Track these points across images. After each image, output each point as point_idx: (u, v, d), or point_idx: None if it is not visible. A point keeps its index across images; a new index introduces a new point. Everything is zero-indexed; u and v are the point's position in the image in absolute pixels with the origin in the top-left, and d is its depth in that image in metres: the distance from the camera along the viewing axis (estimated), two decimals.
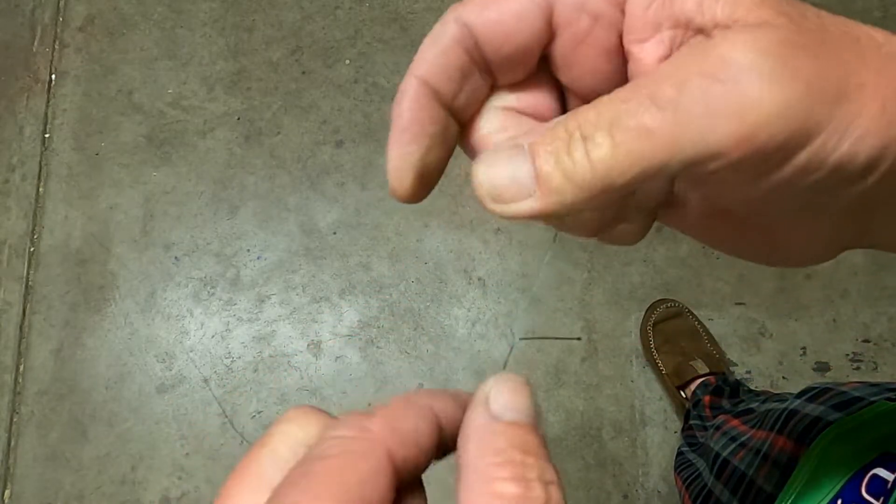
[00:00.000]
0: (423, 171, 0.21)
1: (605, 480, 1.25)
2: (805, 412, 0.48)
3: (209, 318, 1.35)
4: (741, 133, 0.16)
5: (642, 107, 0.16)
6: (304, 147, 1.43)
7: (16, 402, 1.33)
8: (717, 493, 0.56)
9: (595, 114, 0.17)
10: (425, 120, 0.20)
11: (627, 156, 0.16)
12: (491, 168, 0.18)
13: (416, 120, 0.20)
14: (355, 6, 1.49)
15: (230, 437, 1.30)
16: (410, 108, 0.20)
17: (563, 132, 0.17)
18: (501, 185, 0.18)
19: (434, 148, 0.21)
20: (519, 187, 0.18)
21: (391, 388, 1.31)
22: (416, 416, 0.18)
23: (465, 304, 1.34)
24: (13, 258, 1.39)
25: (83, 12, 1.51)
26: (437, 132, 0.21)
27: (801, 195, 0.18)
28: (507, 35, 0.19)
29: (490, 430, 0.17)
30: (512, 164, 0.18)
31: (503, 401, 0.18)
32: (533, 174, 0.17)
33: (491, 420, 0.17)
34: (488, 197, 0.18)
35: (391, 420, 0.17)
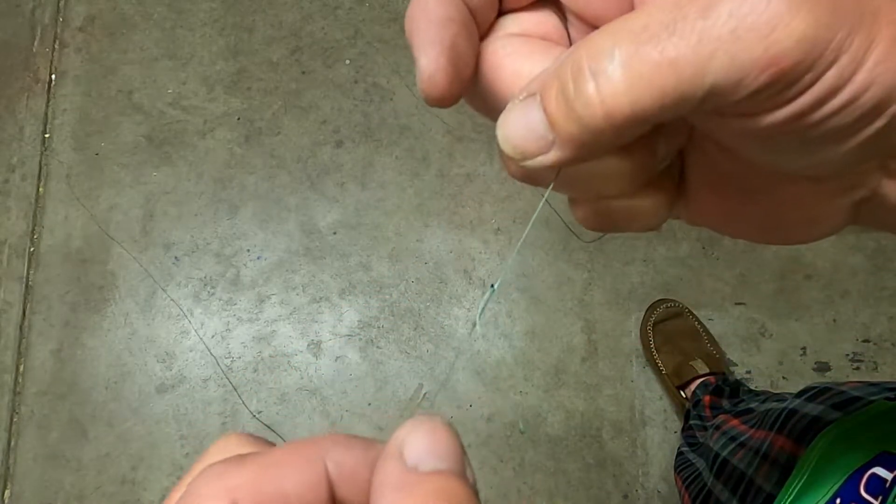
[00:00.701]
0: (456, 66, 0.19)
1: (605, 480, 1.25)
2: (804, 412, 0.48)
3: (209, 318, 1.35)
4: (770, 56, 0.15)
5: (664, 33, 0.15)
6: (304, 147, 1.43)
7: (16, 402, 1.33)
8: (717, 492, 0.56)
9: (610, 42, 0.16)
10: (451, 10, 0.19)
11: (649, 87, 0.16)
12: (508, 124, 0.17)
13: (442, 10, 0.19)
14: (355, 6, 1.49)
15: None
16: (437, 2, 0.19)
17: (571, 67, 0.16)
18: (520, 139, 0.17)
19: (462, 41, 0.19)
20: (538, 139, 0.17)
21: (391, 388, 1.31)
22: (291, 474, 0.16)
23: (465, 304, 1.34)
24: (13, 258, 1.39)
25: (83, 12, 1.51)
26: (463, 22, 0.19)
27: (809, 141, 0.17)
28: None
29: (407, 484, 0.14)
30: (526, 114, 0.17)
31: (421, 448, 0.15)
32: (546, 119, 0.17)
33: (407, 472, 0.15)
34: (513, 155, 0.17)
35: (255, 482, 0.15)
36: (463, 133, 1.42)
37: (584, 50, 0.16)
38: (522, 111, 0.17)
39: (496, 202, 1.38)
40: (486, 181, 1.40)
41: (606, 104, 0.16)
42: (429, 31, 0.19)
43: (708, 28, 0.15)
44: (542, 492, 1.25)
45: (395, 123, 1.43)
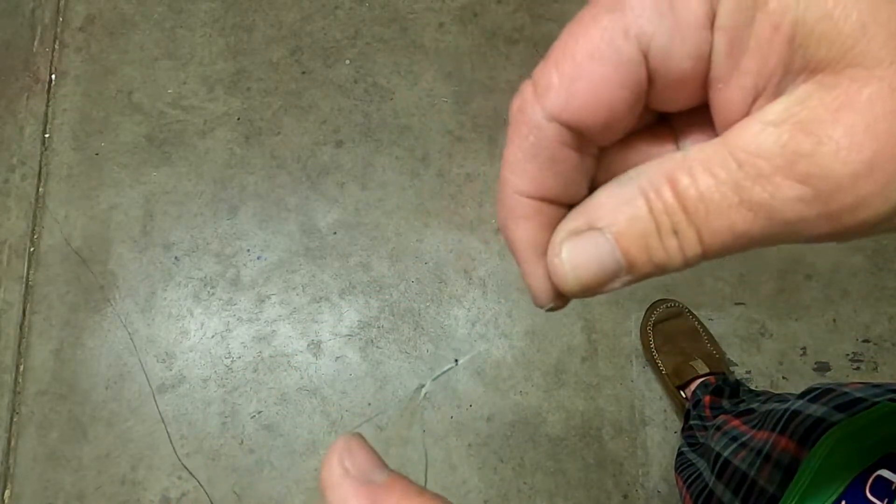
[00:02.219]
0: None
1: (605, 480, 1.25)
2: (807, 413, 0.48)
3: (209, 318, 1.35)
4: (836, 230, 0.16)
5: (732, 209, 0.16)
6: (304, 147, 1.43)
7: (16, 402, 1.33)
8: (719, 493, 0.56)
9: (682, 205, 0.16)
10: (546, 231, 0.19)
11: (716, 247, 0.17)
12: (576, 260, 0.18)
13: (536, 238, 0.20)
14: (355, 6, 1.49)
15: (230, 437, 1.30)
16: (526, 230, 0.19)
17: (649, 220, 0.17)
18: (591, 276, 0.18)
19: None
20: (609, 274, 0.18)
21: (391, 388, 1.31)
22: None
23: (465, 304, 1.34)
24: (13, 258, 1.39)
25: (83, 12, 1.51)
26: (551, 208, 0.20)
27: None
28: (603, 116, 0.17)
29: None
30: (597, 251, 0.18)
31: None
32: (623, 261, 0.17)
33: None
34: (573, 288, 0.18)
35: None
36: (463, 133, 1.42)
37: (656, 197, 0.17)
38: (592, 247, 0.18)
39: (496, 202, 1.38)
40: (486, 181, 1.40)
41: (688, 257, 0.17)
42: (528, 258, 0.19)
43: (776, 209, 0.16)
44: (542, 492, 1.25)
45: (395, 123, 1.43)
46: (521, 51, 1.46)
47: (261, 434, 1.30)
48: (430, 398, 1.30)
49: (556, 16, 1.49)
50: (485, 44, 1.47)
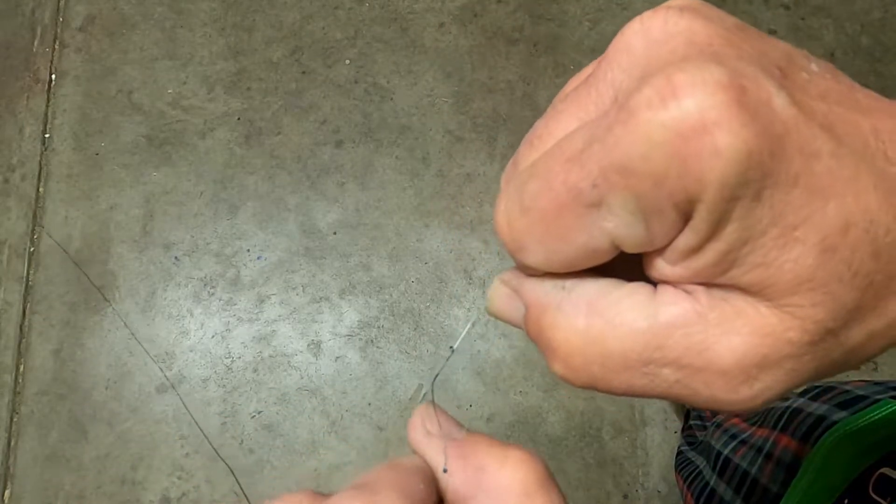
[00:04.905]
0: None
1: (605, 480, 1.25)
2: (809, 411, 0.48)
3: (209, 318, 1.35)
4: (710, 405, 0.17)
5: (635, 376, 0.17)
6: (304, 147, 1.43)
7: (16, 402, 1.33)
8: (721, 492, 0.56)
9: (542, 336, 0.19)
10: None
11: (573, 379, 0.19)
12: (499, 297, 0.21)
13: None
14: (355, 6, 1.49)
15: (230, 437, 1.30)
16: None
17: (539, 330, 0.19)
18: (502, 313, 0.21)
19: None
20: (514, 322, 0.21)
21: (391, 388, 1.31)
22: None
23: (465, 304, 1.34)
24: (13, 258, 1.39)
25: (83, 12, 1.51)
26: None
27: None
28: (578, 269, 0.19)
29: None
30: (512, 307, 0.21)
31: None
32: (523, 318, 0.20)
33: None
34: (490, 310, 0.22)
35: None
36: (463, 133, 1.42)
37: (534, 323, 0.19)
38: (510, 302, 0.21)
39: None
40: (486, 181, 1.40)
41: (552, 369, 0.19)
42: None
43: (665, 386, 0.18)
44: None
45: (395, 123, 1.43)
46: (521, 51, 1.46)
47: (261, 434, 1.30)
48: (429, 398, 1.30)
49: (555, 16, 1.49)
50: (485, 44, 1.47)
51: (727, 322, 0.16)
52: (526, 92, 1.44)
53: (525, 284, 0.20)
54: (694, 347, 0.16)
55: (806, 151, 0.15)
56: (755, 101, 0.14)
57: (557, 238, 0.17)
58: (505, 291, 0.21)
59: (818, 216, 0.15)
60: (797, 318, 0.15)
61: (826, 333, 0.16)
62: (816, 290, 0.15)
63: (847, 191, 0.15)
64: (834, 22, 1.48)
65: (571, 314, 0.18)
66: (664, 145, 0.14)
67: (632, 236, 0.16)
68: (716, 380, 0.16)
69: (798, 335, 0.15)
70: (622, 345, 0.17)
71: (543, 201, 0.17)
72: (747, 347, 0.16)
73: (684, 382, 0.17)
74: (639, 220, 0.16)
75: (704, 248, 0.16)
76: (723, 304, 0.16)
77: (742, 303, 0.16)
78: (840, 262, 0.15)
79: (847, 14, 1.48)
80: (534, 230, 0.17)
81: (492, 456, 0.18)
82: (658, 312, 0.17)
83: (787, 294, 0.15)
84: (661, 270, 0.17)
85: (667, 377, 0.17)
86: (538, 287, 0.19)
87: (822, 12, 1.49)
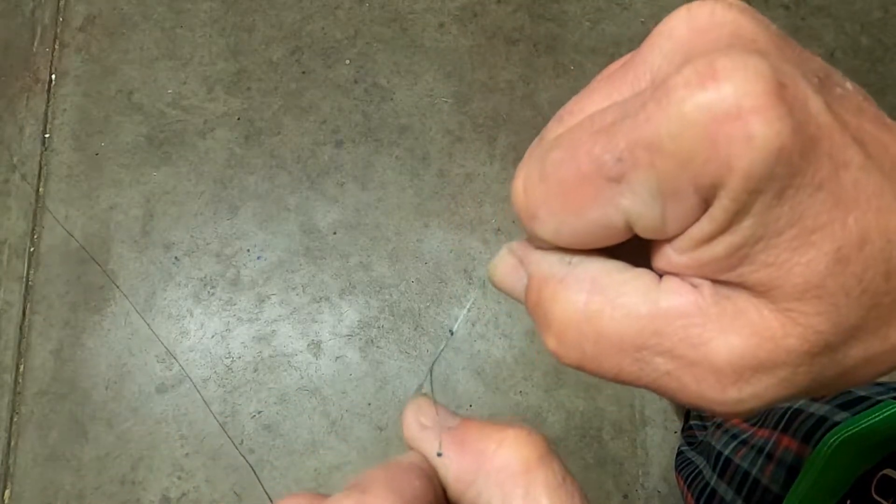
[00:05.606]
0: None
1: (605, 480, 1.25)
2: (810, 411, 0.48)
3: (209, 318, 1.35)
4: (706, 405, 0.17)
5: (626, 360, 0.17)
6: (304, 147, 1.43)
7: (16, 402, 1.33)
8: (721, 492, 0.56)
9: (584, 320, 0.18)
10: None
11: (569, 360, 0.18)
12: (503, 266, 0.21)
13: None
14: (355, 6, 1.49)
15: (230, 437, 1.30)
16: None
17: (538, 298, 0.19)
18: (503, 284, 0.21)
19: None
20: (514, 293, 0.21)
21: (391, 388, 1.31)
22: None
23: (466, 304, 1.34)
24: (13, 258, 1.39)
25: (83, 12, 1.51)
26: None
27: None
28: (589, 247, 0.19)
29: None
30: (514, 278, 0.21)
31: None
32: (524, 289, 0.20)
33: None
34: (492, 279, 0.21)
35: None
36: (463, 133, 1.42)
37: (535, 293, 0.19)
38: (514, 273, 0.21)
39: (496, 202, 1.38)
40: (486, 181, 1.40)
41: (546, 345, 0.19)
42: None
43: (657, 378, 0.17)
44: None
45: (395, 123, 1.43)
46: (521, 51, 1.46)
47: (261, 434, 1.30)
48: (429, 398, 1.30)
49: (555, 16, 1.49)
50: (485, 44, 1.47)
51: (728, 320, 0.16)
52: (526, 92, 1.44)
53: (531, 255, 0.20)
54: (691, 340, 0.16)
55: (836, 159, 0.15)
56: (793, 99, 0.14)
57: (572, 210, 0.17)
58: (510, 260, 0.20)
59: (837, 225, 0.15)
60: (799, 326, 0.15)
61: (825, 347, 0.15)
62: (823, 300, 0.15)
63: (870, 206, 0.15)
64: (834, 22, 1.48)
65: (573, 289, 0.18)
66: (696, 126, 0.14)
67: (647, 217, 0.16)
68: (707, 376, 0.16)
69: (797, 343, 0.15)
70: (619, 326, 0.17)
71: (565, 170, 0.17)
72: (745, 348, 0.16)
73: (675, 374, 0.16)
74: (657, 201, 0.16)
75: (717, 239, 0.15)
76: (726, 301, 0.16)
77: (746, 303, 0.16)
78: (851, 275, 0.15)
79: (847, 14, 1.48)
80: (550, 200, 0.17)
81: (488, 438, 0.18)
82: (660, 299, 0.16)
83: (792, 299, 0.15)
84: (670, 259, 0.17)
85: (658, 367, 0.17)
86: (543, 259, 0.19)
87: (822, 12, 1.49)
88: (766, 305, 0.16)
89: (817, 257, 0.15)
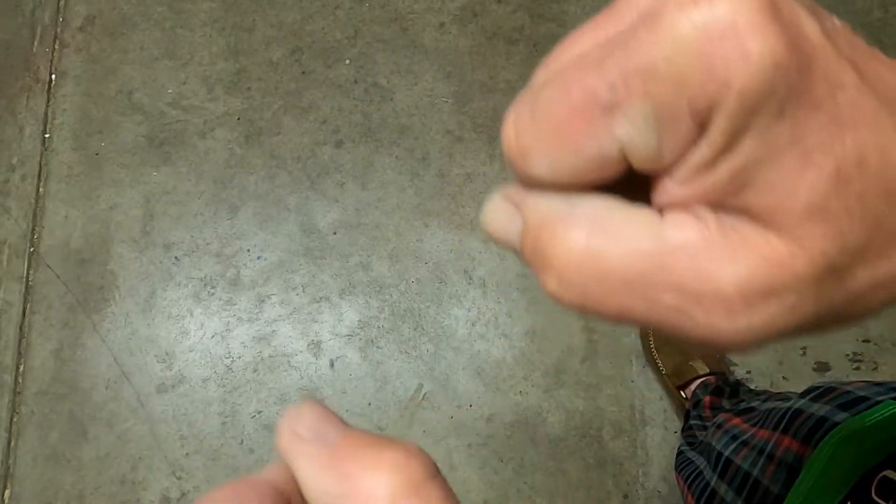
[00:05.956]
0: None
1: (605, 480, 1.25)
2: (810, 412, 0.48)
3: (209, 318, 1.35)
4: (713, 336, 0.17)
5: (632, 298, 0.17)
6: (304, 147, 1.43)
7: (16, 402, 1.33)
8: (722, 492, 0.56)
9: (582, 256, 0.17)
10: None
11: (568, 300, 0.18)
12: (495, 213, 0.20)
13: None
14: (355, 6, 1.49)
15: (230, 437, 1.30)
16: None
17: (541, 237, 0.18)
18: (497, 232, 0.20)
19: None
20: (509, 243, 0.20)
21: (391, 388, 1.31)
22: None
23: (465, 304, 1.34)
24: (13, 258, 1.39)
25: (83, 12, 1.51)
26: None
27: None
28: (586, 183, 0.18)
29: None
30: (509, 226, 0.20)
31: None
32: (518, 248, 0.19)
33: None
34: (484, 228, 0.20)
35: None
36: (463, 133, 1.42)
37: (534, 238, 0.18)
38: (508, 219, 0.20)
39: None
40: (486, 181, 1.40)
41: (548, 291, 0.18)
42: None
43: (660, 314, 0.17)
44: (542, 492, 1.25)
45: (395, 123, 1.43)
46: (521, 51, 1.46)
47: (261, 434, 1.30)
48: (429, 398, 1.30)
49: (555, 16, 1.49)
50: (485, 44, 1.47)
51: (734, 249, 0.16)
52: None
53: (526, 198, 0.19)
54: (698, 272, 0.16)
55: (831, 80, 0.15)
56: (787, 18, 0.14)
57: (566, 145, 0.17)
58: (504, 206, 0.20)
59: (836, 144, 0.15)
60: (805, 249, 0.15)
61: (832, 270, 0.16)
62: (827, 222, 0.15)
63: (866, 126, 0.15)
64: None
65: (573, 228, 0.17)
66: (690, 46, 0.14)
67: (642, 146, 0.16)
68: (716, 307, 0.16)
69: (804, 266, 0.15)
70: (624, 262, 0.16)
71: (557, 105, 0.16)
72: (752, 275, 0.15)
73: (684, 309, 0.16)
74: (652, 128, 0.15)
75: (719, 162, 0.15)
76: (731, 231, 0.16)
77: (751, 232, 0.16)
78: (852, 194, 0.15)
79: (847, 14, 1.48)
80: (543, 136, 0.17)
81: (360, 461, 0.17)
82: (664, 234, 0.16)
83: (797, 222, 0.15)
84: (671, 191, 0.17)
85: (666, 302, 0.16)
86: (541, 201, 0.18)
87: None
88: (772, 232, 0.16)
89: (819, 176, 0.15)
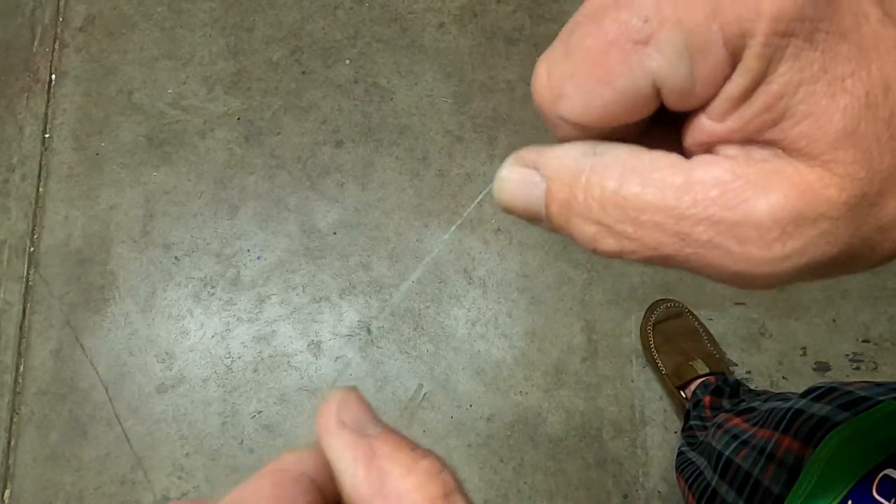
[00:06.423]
0: None
1: (605, 480, 1.25)
2: (811, 412, 0.48)
3: (209, 318, 1.35)
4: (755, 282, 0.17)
5: (667, 235, 0.17)
6: (304, 147, 1.42)
7: (16, 402, 1.32)
8: (723, 493, 0.56)
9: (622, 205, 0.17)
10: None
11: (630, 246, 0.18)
12: (509, 192, 0.20)
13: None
14: (355, 6, 1.49)
15: (230, 436, 1.30)
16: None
17: (582, 191, 0.18)
18: (514, 203, 0.20)
19: None
20: (529, 212, 0.20)
21: (391, 388, 1.31)
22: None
23: (465, 304, 1.34)
24: (13, 258, 1.39)
25: (83, 12, 1.51)
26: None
27: None
28: (619, 125, 0.18)
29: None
30: (529, 193, 0.19)
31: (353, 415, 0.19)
32: (543, 214, 0.19)
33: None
34: (500, 201, 0.20)
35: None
36: (463, 133, 1.42)
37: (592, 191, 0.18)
38: (527, 186, 0.19)
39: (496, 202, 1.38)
40: (486, 181, 1.40)
41: (598, 249, 0.18)
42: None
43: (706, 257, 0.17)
44: (542, 492, 1.25)
45: (395, 123, 1.43)
46: (521, 51, 1.46)
47: (261, 434, 1.30)
48: (429, 398, 1.30)
49: (556, 16, 1.49)
50: (485, 44, 1.47)
51: (766, 180, 0.16)
52: (526, 92, 1.44)
53: (547, 155, 0.19)
54: (730, 202, 0.16)
55: (855, 11, 0.15)
56: None
57: (600, 80, 0.17)
58: (521, 170, 0.19)
59: (864, 72, 0.15)
60: (837, 175, 0.16)
61: (862, 197, 0.16)
62: (858, 148, 0.15)
63: (889, 57, 0.15)
64: None
65: (605, 175, 0.17)
66: None
67: (675, 78, 0.16)
68: (750, 235, 0.16)
69: (836, 193, 0.16)
70: (657, 200, 0.17)
71: (591, 40, 0.17)
72: (785, 202, 0.16)
73: (716, 241, 0.16)
74: (685, 59, 0.16)
75: (756, 92, 0.16)
76: (762, 163, 0.16)
77: (782, 162, 0.16)
78: (881, 120, 0.15)
79: None
80: (576, 73, 0.17)
81: (397, 461, 0.17)
82: (694, 170, 0.17)
83: (829, 149, 0.15)
84: (707, 130, 0.17)
85: (699, 236, 0.17)
86: (566, 154, 0.18)
87: None
88: (803, 162, 0.16)
89: (852, 102, 0.15)
